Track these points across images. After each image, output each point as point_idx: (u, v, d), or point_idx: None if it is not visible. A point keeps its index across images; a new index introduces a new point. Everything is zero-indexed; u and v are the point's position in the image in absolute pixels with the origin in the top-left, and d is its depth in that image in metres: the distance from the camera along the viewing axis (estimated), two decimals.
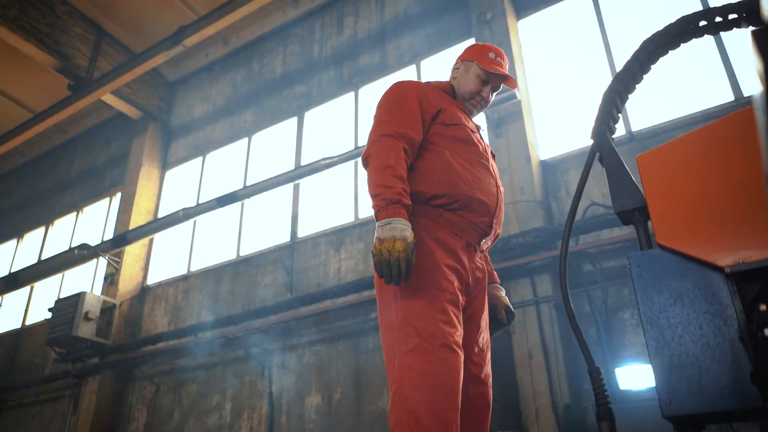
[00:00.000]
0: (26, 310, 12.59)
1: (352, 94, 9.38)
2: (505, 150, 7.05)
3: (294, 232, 8.99)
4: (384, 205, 2.03)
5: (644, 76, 1.70)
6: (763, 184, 1.12)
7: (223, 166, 10.74)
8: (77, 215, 12.94)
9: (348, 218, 8.46)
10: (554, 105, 7.51)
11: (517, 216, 6.63)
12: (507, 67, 2.60)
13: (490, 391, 2.28)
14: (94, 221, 12.49)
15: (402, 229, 1.97)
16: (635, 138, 6.53)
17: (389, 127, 2.22)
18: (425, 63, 8.84)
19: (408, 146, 2.21)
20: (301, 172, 8.61)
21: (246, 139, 10.53)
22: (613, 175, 1.58)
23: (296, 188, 9.21)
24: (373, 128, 2.29)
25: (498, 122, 7.21)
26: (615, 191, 1.57)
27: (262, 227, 9.60)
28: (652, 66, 1.68)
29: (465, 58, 2.61)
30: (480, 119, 7.47)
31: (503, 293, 2.58)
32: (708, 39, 6.11)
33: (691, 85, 6.65)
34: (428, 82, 2.59)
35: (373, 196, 2.09)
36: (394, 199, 2.03)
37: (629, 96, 1.75)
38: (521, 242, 6.26)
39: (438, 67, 8.66)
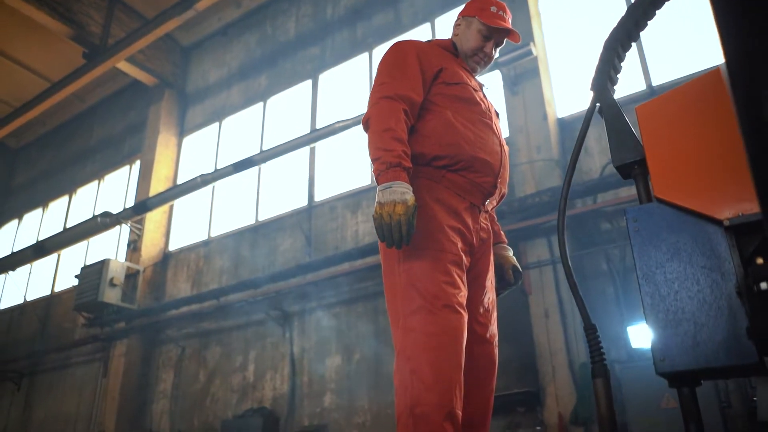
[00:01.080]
0: (54, 277, 12.92)
1: (366, 54, 9.25)
2: (521, 108, 6.92)
3: (311, 196, 9.01)
4: (384, 169, 2.00)
5: (648, 22, 1.62)
6: None
7: (239, 132, 10.75)
8: (99, 183, 13.12)
9: (364, 181, 8.44)
10: (572, 60, 7.32)
11: (534, 175, 6.54)
12: (510, 20, 2.51)
13: (496, 350, 2.28)
14: (115, 189, 12.66)
15: (402, 192, 1.95)
16: (656, 92, 6.35)
17: (388, 89, 2.18)
18: (440, 21, 8.65)
19: (408, 108, 2.16)
20: (316, 135, 8.58)
21: (261, 104, 10.49)
22: (613, 127, 1.52)
23: (312, 152, 9.19)
24: (372, 91, 2.24)
25: (514, 80, 7.06)
26: (614, 144, 1.52)
27: (280, 192, 9.64)
28: (656, 11, 1.60)
29: (466, 13, 2.53)
30: (495, 77, 7.32)
31: (510, 253, 2.55)
32: None
33: (713, 37, 6.40)
34: (429, 41, 2.53)
35: (374, 160, 2.07)
36: (394, 163, 2.00)
37: (632, 45, 1.67)
38: (537, 202, 6.19)
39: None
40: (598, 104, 1.63)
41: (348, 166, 8.80)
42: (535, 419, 6.20)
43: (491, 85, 7.52)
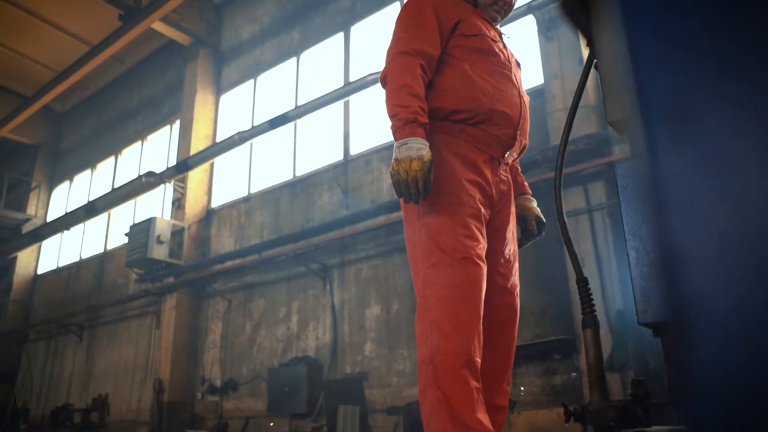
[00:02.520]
0: (106, 236, 13.49)
1: (397, 4, 9.09)
2: (555, 54, 6.74)
3: (346, 150, 9.07)
4: (401, 126, 2.03)
5: None
6: None
7: (274, 88, 10.80)
8: (142, 144, 13.47)
9: None
10: None
11: None
12: None
13: (517, 300, 2.33)
14: (157, 149, 12.98)
15: (418, 148, 1.98)
16: None
17: (405, 44, 2.18)
18: None
19: (425, 62, 2.17)
20: (349, 89, 8.57)
21: (294, 59, 10.49)
22: (607, 79, 1.51)
23: (346, 106, 9.20)
24: (389, 47, 2.25)
25: (548, 24, 6.86)
26: (608, 98, 1.50)
27: (316, 147, 9.72)
28: None
29: None
30: (528, 22, 7.12)
31: (534, 204, 2.57)
32: None
33: None
34: None
35: (391, 116, 2.09)
36: (410, 119, 2.02)
37: None
38: (572, 150, 6.09)
39: None
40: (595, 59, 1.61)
41: (382, 118, 8.78)
42: (571, 366, 6.28)
43: (524, 31, 7.32)
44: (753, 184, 0.27)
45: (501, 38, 2.46)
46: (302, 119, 9.18)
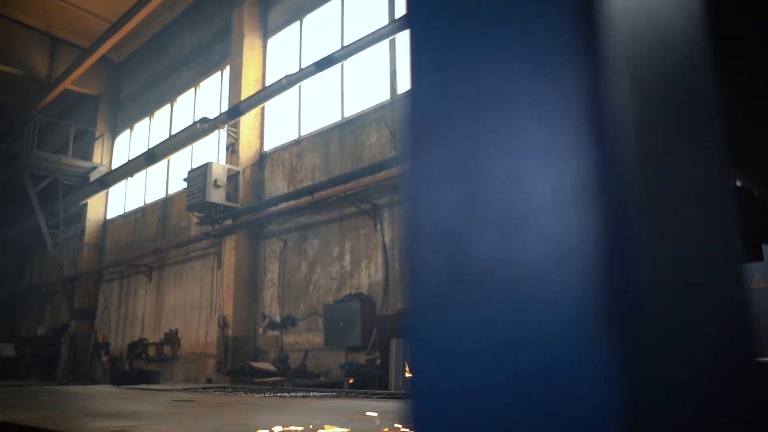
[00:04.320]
0: (167, 181, 14.07)
1: None
2: None
3: (393, 90, 9.04)
4: None
5: None
6: None
7: (319, 29, 10.76)
8: (195, 91, 13.77)
9: None
10: None
11: None
12: None
13: None
14: (210, 95, 13.26)
15: None
16: None
17: None
18: None
19: None
20: (395, 26, 8.46)
21: None
22: None
23: (392, 44, 9.10)
24: None
25: None
26: None
27: (363, 88, 9.72)
28: None
29: None
30: None
31: None
32: None
33: None
34: None
35: None
36: None
37: None
38: None
39: None
40: None
41: None
42: None
43: None
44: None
45: None
46: (348, 60, 9.16)
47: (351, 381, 7.76)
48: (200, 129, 10.99)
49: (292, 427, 2.79)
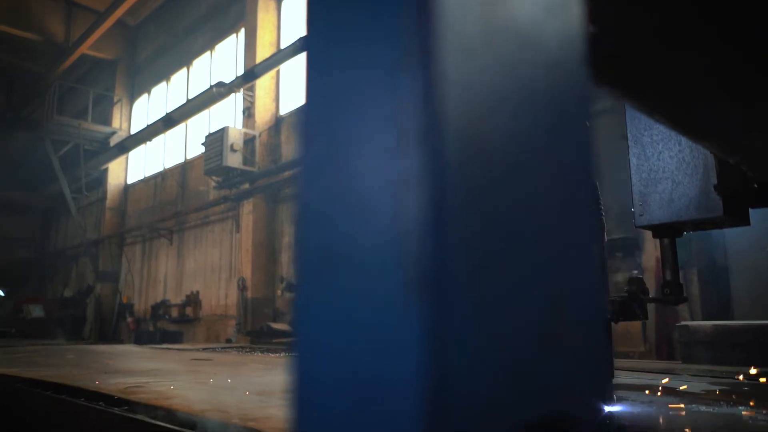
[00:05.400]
0: (185, 146, 14.19)
1: None
2: None
3: None
4: None
5: None
6: None
7: None
8: (211, 54, 13.74)
9: None
10: None
11: None
12: None
13: None
14: (226, 59, 13.22)
15: None
16: None
17: None
18: None
19: None
20: None
21: None
22: None
23: None
24: None
25: None
26: None
27: None
28: None
29: None
30: None
31: None
32: None
33: None
34: None
35: None
36: None
37: None
38: None
39: None
40: None
41: None
42: (633, 264, 6.32)
43: None
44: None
45: None
46: None
47: None
48: (216, 93, 11.01)
49: None
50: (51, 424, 2.08)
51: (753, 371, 2.30)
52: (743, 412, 1.62)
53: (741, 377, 2.41)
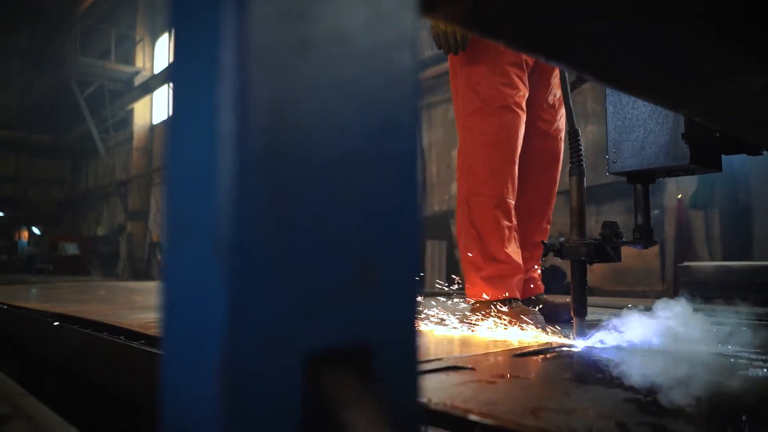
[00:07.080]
0: None
1: None
2: None
3: None
4: None
5: None
6: None
7: None
8: None
9: None
10: None
11: None
12: None
13: (561, 144, 2.39)
14: None
15: None
16: None
17: None
18: None
19: None
20: None
21: None
22: None
23: None
24: None
25: None
26: None
27: None
28: None
29: None
30: None
31: None
32: None
33: None
34: None
35: None
36: None
37: None
38: None
39: None
40: None
41: None
42: (655, 204, 6.30)
43: None
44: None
45: None
46: None
47: None
48: None
49: None
50: (75, 356, 2.24)
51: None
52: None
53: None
